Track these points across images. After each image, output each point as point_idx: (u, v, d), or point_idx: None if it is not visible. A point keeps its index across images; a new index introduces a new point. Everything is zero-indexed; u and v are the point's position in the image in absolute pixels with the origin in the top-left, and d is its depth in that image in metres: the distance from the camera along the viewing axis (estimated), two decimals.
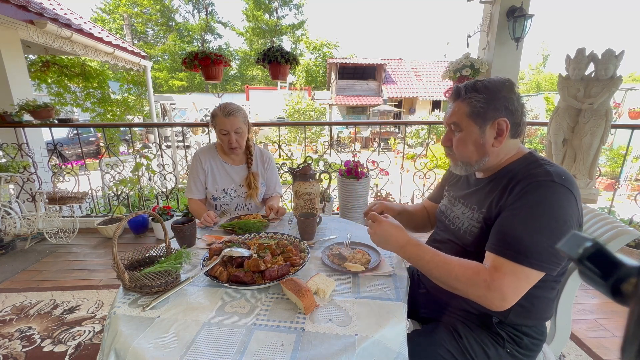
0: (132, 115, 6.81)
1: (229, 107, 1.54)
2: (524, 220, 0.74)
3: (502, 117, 0.83)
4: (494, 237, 0.79)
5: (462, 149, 0.90)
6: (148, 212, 1.04)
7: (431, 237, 1.12)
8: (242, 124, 1.55)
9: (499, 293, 0.73)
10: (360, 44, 74.92)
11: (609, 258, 0.27)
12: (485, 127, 0.85)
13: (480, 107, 0.84)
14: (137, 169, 3.15)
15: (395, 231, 0.88)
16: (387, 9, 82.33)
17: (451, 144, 0.93)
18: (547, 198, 0.74)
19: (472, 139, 0.87)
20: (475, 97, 0.84)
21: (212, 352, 0.68)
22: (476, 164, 0.90)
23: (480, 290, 0.75)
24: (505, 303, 0.74)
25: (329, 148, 3.31)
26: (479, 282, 0.75)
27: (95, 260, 2.58)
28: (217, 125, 1.53)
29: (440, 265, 0.81)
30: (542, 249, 0.72)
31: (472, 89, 0.86)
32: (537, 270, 0.73)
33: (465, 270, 0.78)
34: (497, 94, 0.83)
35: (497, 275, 0.74)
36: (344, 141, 13.02)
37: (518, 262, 0.73)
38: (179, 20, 23.66)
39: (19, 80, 3.35)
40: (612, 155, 6.47)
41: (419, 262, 0.84)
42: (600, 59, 2.22)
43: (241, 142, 1.57)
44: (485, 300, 0.76)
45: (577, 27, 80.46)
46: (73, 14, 4.41)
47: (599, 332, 1.73)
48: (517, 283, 0.73)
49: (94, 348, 1.60)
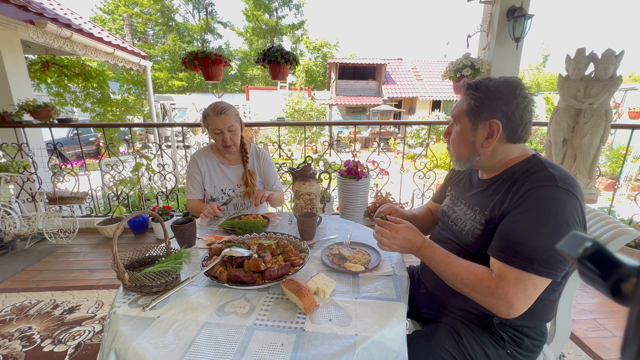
0: (132, 115, 6.80)
1: (220, 105, 1.53)
2: (529, 227, 0.74)
3: (495, 118, 0.82)
4: (499, 243, 0.78)
5: (455, 144, 0.92)
6: (148, 212, 1.04)
7: (432, 237, 1.11)
8: (235, 121, 1.54)
9: (504, 301, 0.73)
10: (360, 44, 74.99)
11: (609, 258, 0.27)
12: (478, 126, 0.85)
13: (475, 105, 0.84)
14: (137, 169, 3.15)
15: (412, 235, 0.90)
16: (387, 9, 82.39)
17: (449, 136, 0.95)
18: (552, 204, 0.73)
19: (463, 135, 0.89)
20: (473, 95, 0.85)
21: (212, 352, 0.68)
22: (468, 161, 0.91)
23: (485, 297, 0.76)
24: (512, 311, 0.74)
25: (329, 148, 3.31)
26: (483, 288, 0.76)
27: (95, 260, 2.58)
28: (209, 125, 1.53)
29: (449, 268, 0.83)
30: (549, 256, 0.72)
31: (473, 86, 0.86)
32: (544, 277, 0.73)
33: (470, 275, 0.79)
34: (494, 95, 0.82)
35: (502, 283, 0.74)
36: (344, 141, 13.02)
37: (524, 270, 0.72)
38: (179, 20, 23.68)
39: (18, 80, 3.35)
40: (612, 155, 6.47)
41: (431, 263, 0.87)
42: (600, 59, 2.22)
43: (235, 139, 1.57)
44: (492, 307, 0.76)
45: (577, 27, 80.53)
46: (73, 14, 4.41)
47: (599, 332, 1.73)
48: (525, 291, 0.73)
49: (94, 348, 1.60)
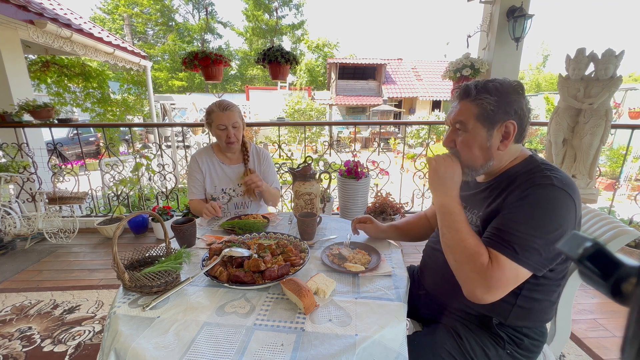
0: (132, 115, 6.80)
1: (225, 102, 1.57)
2: (520, 219, 0.74)
3: (510, 119, 0.81)
4: (490, 231, 0.80)
5: (467, 153, 0.86)
6: (148, 212, 1.04)
7: (432, 239, 1.11)
8: (238, 118, 1.58)
9: (486, 283, 0.74)
10: (360, 44, 74.95)
11: (609, 258, 0.27)
12: (493, 130, 0.82)
13: (491, 109, 0.81)
14: (137, 169, 3.15)
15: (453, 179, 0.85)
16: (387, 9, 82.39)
17: (454, 144, 0.89)
18: (545, 200, 0.74)
19: (478, 142, 0.84)
20: (487, 99, 0.81)
21: (212, 352, 0.68)
22: (481, 169, 0.87)
23: (472, 272, 0.76)
24: (487, 296, 0.74)
25: (329, 148, 3.31)
26: (478, 264, 0.75)
27: (95, 260, 2.58)
28: (214, 121, 1.54)
29: (462, 231, 0.80)
30: (533, 249, 0.72)
31: (483, 89, 0.82)
32: (524, 269, 0.74)
33: (475, 247, 0.77)
34: (508, 97, 0.81)
35: (492, 267, 0.74)
36: (344, 141, 13.01)
37: (508, 257, 0.73)
38: (179, 20, 23.67)
39: (18, 80, 3.35)
40: (612, 155, 6.47)
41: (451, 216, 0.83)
42: (600, 59, 2.22)
43: (238, 136, 1.60)
44: (472, 285, 0.76)
45: (577, 27, 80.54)
46: (73, 14, 4.41)
47: (599, 332, 1.73)
48: (504, 277, 0.74)
49: (94, 348, 1.60)
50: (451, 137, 0.90)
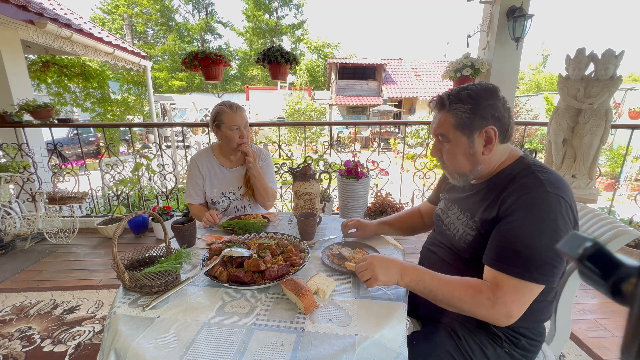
0: (132, 115, 6.81)
1: (234, 103, 1.57)
2: (522, 235, 0.74)
3: (489, 125, 0.82)
4: (493, 251, 0.79)
5: (452, 161, 0.89)
6: (148, 212, 1.04)
7: (428, 240, 1.13)
8: (247, 118, 1.60)
9: (504, 309, 0.73)
10: (360, 44, 74.97)
11: (609, 258, 0.27)
12: (474, 136, 0.84)
13: (467, 117, 0.82)
14: (137, 169, 3.15)
15: (389, 259, 0.86)
16: (387, 9, 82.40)
17: (441, 154, 0.91)
18: (543, 211, 0.73)
19: (462, 150, 0.86)
20: (460, 108, 0.83)
21: (212, 352, 0.68)
22: (471, 174, 0.89)
23: (485, 310, 0.75)
24: (511, 319, 0.74)
25: (329, 148, 3.31)
26: (483, 300, 0.75)
27: (95, 260, 2.58)
28: (224, 122, 1.52)
29: (442, 286, 0.80)
30: (544, 263, 0.72)
31: (456, 99, 0.84)
32: (539, 284, 0.73)
33: (467, 289, 0.77)
34: (482, 103, 0.82)
35: (500, 293, 0.74)
36: (344, 141, 13.01)
37: (520, 278, 0.73)
38: (179, 20, 23.67)
39: (19, 80, 3.35)
40: (612, 155, 6.48)
41: (420, 284, 0.82)
42: (600, 59, 2.22)
43: (249, 135, 1.60)
44: (492, 318, 0.76)
45: (577, 27, 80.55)
46: (73, 14, 4.41)
47: (599, 332, 1.73)
48: (521, 298, 0.73)
49: (94, 348, 1.60)
50: (437, 147, 0.92)
